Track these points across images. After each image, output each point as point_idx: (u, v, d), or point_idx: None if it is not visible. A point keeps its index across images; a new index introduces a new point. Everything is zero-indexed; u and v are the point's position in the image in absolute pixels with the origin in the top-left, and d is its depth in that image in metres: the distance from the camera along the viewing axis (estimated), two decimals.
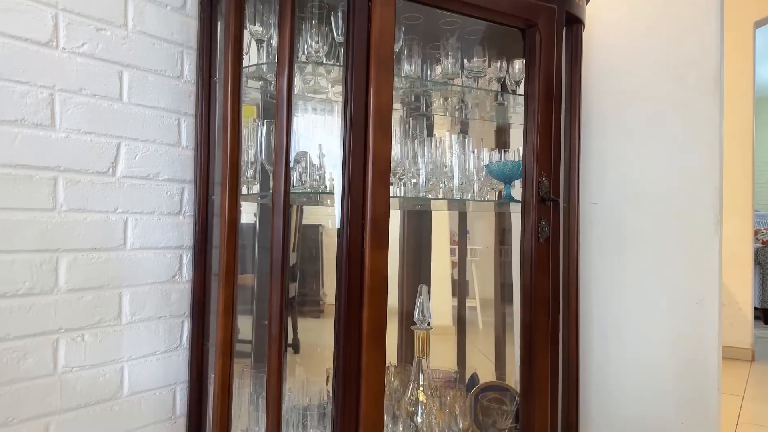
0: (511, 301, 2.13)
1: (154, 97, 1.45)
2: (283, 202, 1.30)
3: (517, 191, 1.67)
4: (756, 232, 5.40)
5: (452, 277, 2.35)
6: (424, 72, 1.77)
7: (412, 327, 1.64)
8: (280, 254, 1.31)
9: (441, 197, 1.72)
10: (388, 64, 1.35)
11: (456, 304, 2.28)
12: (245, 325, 1.71)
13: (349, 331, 1.34)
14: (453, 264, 2.37)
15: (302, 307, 2.22)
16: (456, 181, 1.72)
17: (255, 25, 1.52)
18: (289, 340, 2.12)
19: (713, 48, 1.84)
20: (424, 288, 1.65)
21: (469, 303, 2.32)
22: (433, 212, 2.20)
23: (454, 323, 2.26)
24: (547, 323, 1.58)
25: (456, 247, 2.34)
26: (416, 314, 1.63)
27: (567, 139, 1.74)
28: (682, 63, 1.88)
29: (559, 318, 1.66)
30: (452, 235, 2.37)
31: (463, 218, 2.27)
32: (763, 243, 5.39)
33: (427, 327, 1.63)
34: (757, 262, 5.01)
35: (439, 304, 2.27)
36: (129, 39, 1.39)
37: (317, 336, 2.20)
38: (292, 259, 2.12)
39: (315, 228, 2.28)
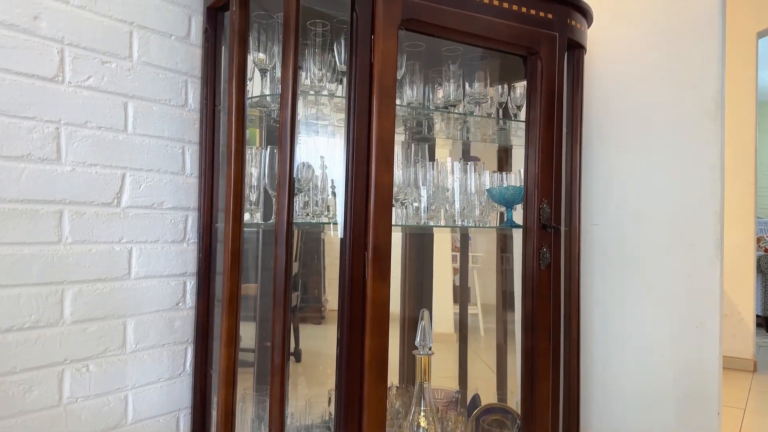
0: (512, 307, 2.14)
1: (159, 126, 1.46)
2: (285, 233, 1.32)
3: (519, 213, 1.68)
4: (758, 240, 5.40)
5: (453, 284, 2.36)
6: (426, 95, 1.78)
7: (414, 352, 1.65)
8: (282, 285, 1.32)
9: (443, 223, 1.73)
10: (391, 95, 1.36)
11: (458, 311, 2.28)
12: (248, 333, 1.71)
13: (351, 360, 1.35)
14: (455, 270, 2.38)
15: (303, 314, 2.22)
16: (457, 205, 1.73)
17: (259, 53, 1.53)
18: (291, 348, 2.13)
19: (714, 70, 1.84)
20: (426, 313, 1.66)
21: (470, 310, 2.33)
22: (435, 228, 2.20)
23: (455, 330, 2.27)
24: (548, 349, 1.59)
25: (458, 253, 2.35)
26: (418, 339, 1.64)
27: (568, 162, 1.75)
28: (683, 85, 1.88)
29: (561, 343, 1.67)
30: (454, 241, 2.38)
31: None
32: (765, 251, 5.38)
33: (429, 352, 1.64)
34: (759, 270, 5.01)
35: (440, 311, 2.27)
36: (134, 70, 1.40)
37: (319, 343, 2.20)
38: (294, 268, 2.12)
39: (317, 234, 2.28)
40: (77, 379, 1.31)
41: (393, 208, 1.42)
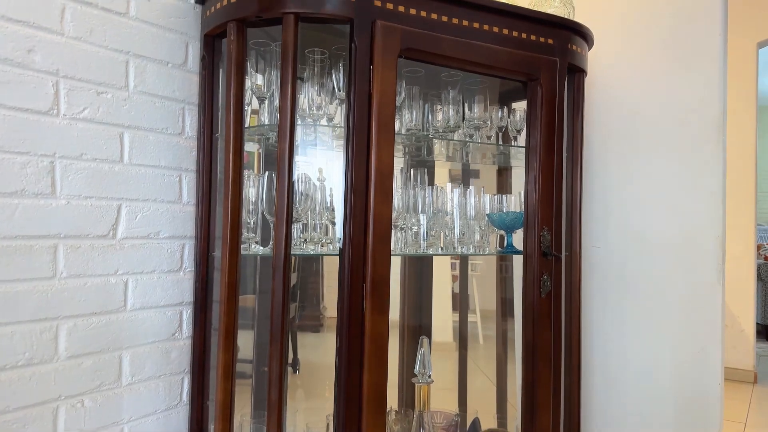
0: (512, 314, 2.13)
1: (155, 156, 1.44)
2: (283, 267, 1.30)
3: (519, 237, 1.67)
4: (758, 248, 5.38)
5: (453, 291, 2.34)
6: (426, 117, 1.77)
7: (413, 380, 1.63)
8: (280, 316, 1.30)
9: (442, 247, 1.72)
10: (390, 127, 1.35)
11: (457, 319, 2.26)
12: (246, 340, 1.69)
13: (350, 392, 1.34)
14: (453, 278, 2.36)
15: (302, 321, 2.20)
16: (457, 231, 1.71)
17: (257, 80, 1.52)
18: (289, 358, 2.10)
19: (715, 94, 1.83)
20: (425, 340, 1.64)
21: (469, 317, 2.31)
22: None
23: (455, 339, 2.25)
24: (549, 379, 1.57)
25: (457, 261, 2.34)
26: (417, 367, 1.62)
27: (569, 185, 1.73)
28: (684, 109, 1.87)
29: (561, 371, 1.66)
30: None
31: None
32: (765, 259, 5.37)
33: (428, 380, 1.62)
34: (760, 278, 4.99)
35: (440, 321, 2.25)
36: (130, 100, 1.39)
37: (317, 353, 2.18)
38: (293, 279, 2.11)
39: None
40: (72, 415, 1.29)
41: (392, 232, 1.41)
